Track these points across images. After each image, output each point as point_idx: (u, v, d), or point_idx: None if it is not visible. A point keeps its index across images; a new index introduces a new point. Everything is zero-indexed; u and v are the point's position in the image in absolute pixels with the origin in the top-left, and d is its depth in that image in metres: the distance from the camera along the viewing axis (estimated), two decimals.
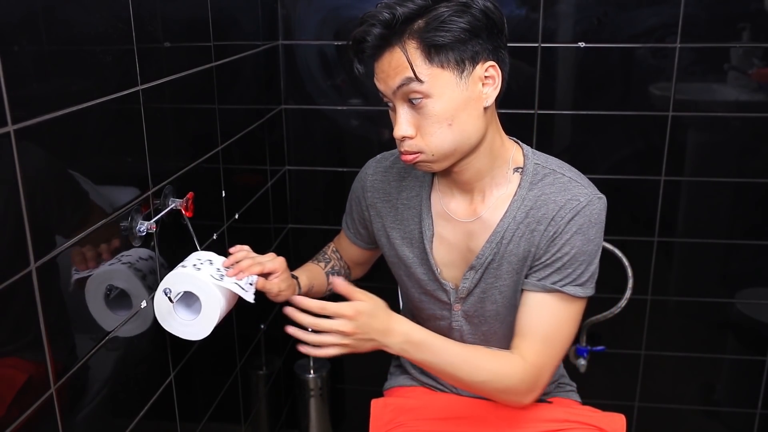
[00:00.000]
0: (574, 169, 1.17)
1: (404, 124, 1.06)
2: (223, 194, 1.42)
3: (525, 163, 1.16)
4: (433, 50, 1.01)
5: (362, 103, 1.88)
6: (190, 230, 1.18)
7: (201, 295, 1.04)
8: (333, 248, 1.41)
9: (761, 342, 1.94)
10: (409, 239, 1.23)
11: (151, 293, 1.07)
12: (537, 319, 1.13)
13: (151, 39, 1.07)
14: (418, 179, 1.23)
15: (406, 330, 1.06)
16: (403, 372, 1.41)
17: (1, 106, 0.73)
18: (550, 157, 1.18)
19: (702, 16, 1.69)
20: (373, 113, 1.88)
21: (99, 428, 0.99)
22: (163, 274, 1.09)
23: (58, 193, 0.87)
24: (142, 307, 1.06)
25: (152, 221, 1.05)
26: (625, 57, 1.76)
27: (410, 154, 1.08)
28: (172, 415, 1.21)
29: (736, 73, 1.75)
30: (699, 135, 1.81)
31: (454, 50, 1.01)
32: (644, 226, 1.88)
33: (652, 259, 1.90)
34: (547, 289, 1.12)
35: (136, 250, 1.04)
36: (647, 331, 1.96)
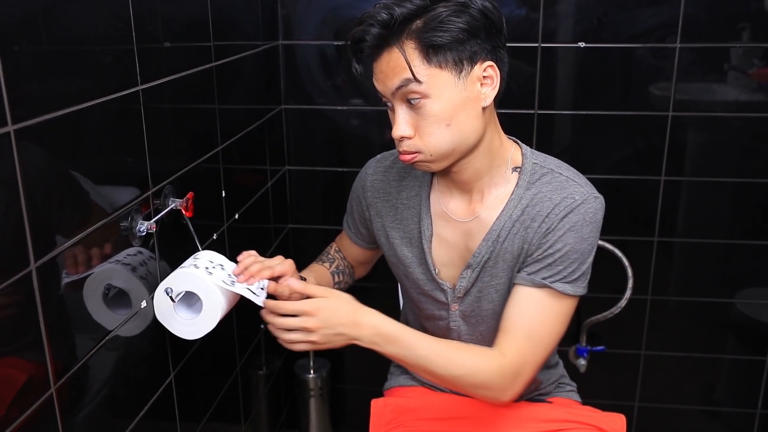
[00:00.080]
0: (572, 169, 1.16)
1: (402, 124, 1.06)
2: (223, 194, 1.42)
3: (523, 162, 1.15)
4: (432, 50, 1.01)
5: (362, 103, 1.88)
6: (191, 230, 1.18)
7: (202, 294, 1.04)
8: (335, 248, 1.41)
9: (761, 342, 1.94)
10: (409, 239, 1.23)
11: (151, 293, 1.07)
12: (522, 314, 1.12)
13: (151, 39, 1.07)
14: (418, 179, 1.23)
15: (376, 323, 1.06)
16: (403, 372, 1.41)
17: (1, 106, 0.74)
18: (549, 157, 1.18)
19: (702, 16, 1.69)
20: (373, 113, 1.88)
21: (99, 428, 0.99)
22: (163, 274, 1.09)
23: (58, 193, 0.87)
24: (142, 307, 1.06)
25: (152, 221, 1.05)
26: (625, 57, 1.76)
27: (409, 154, 1.08)
28: (172, 415, 1.21)
29: (736, 73, 1.75)
30: (699, 135, 1.81)
31: (452, 50, 1.01)
32: (644, 226, 1.88)
33: (652, 259, 1.90)
34: (536, 284, 1.11)
35: (136, 250, 1.04)
36: (647, 331, 1.96)
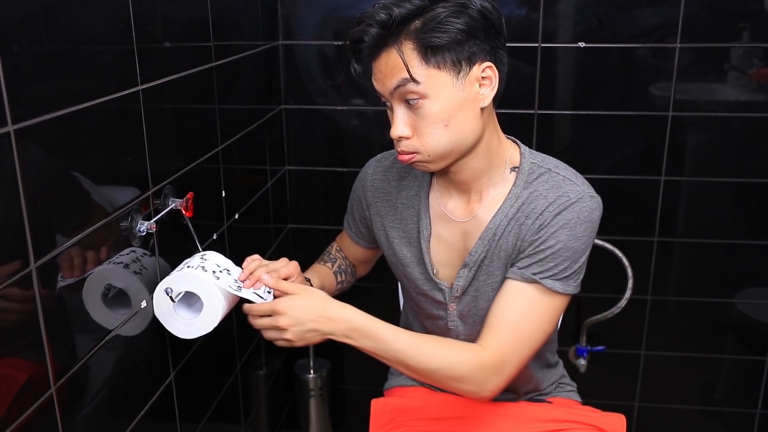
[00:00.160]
0: (570, 169, 1.16)
1: (401, 125, 1.06)
2: (223, 194, 1.42)
3: (521, 162, 1.15)
4: (430, 51, 1.01)
5: (362, 103, 1.88)
6: (191, 230, 1.18)
7: (203, 295, 1.04)
8: (336, 247, 1.41)
9: (761, 342, 1.94)
10: (408, 239, 1.23)
11: (151, 293, 1.07)
12: (509, 308, 1.11)
13: (151, 39, 1.07)
14: (418, 179, 1.23)
15: (349, 317, 1.06)
16: None
17: (1, 106, 0.73)
18: (548, 157, 1.18)
19: (702, 16, 1.69)
20: (373, 113, 1.88)
21: (99, 428, 0.99)
22: (163, 274, 1.09)
23: (58, 193, 0.87)
24: (142, 307, 1.06)
25: (152, 221, 1.05)
26: (625, 57, 1.76)
27: (407, 155, 1.08)
28: (172, 415, 1.21)
29: (736, 73, 1.75)
30: (699, 135, 1.81)
31: (450, 51, 1.01)
32: (644, 226, 1.87)
33: (652, 259, 1.90)
34: (525, 279, 1.10)
35: (136, 250, 1.04)
36: (647, 331, 1.96)
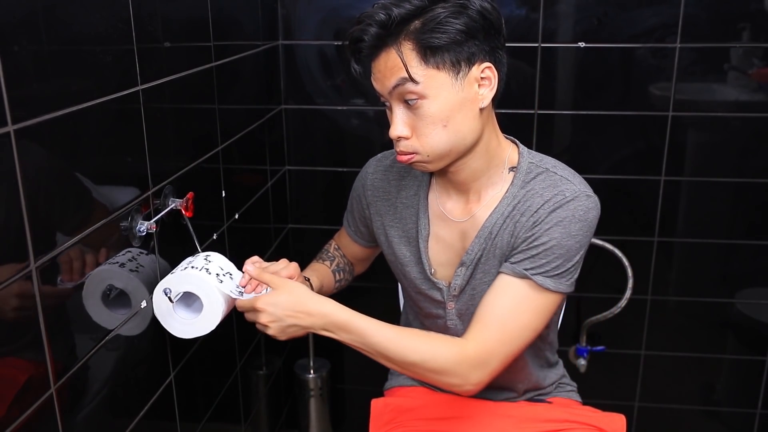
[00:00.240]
0: (568, 169, 1.16)
1: (400, 125, 1.06)
2: (223, 194, 1.42)
3: (519, 162, 1.15)
4: (429, 51, 1.01)
5: (362, 103, 1.88)
6: (190, 230, 1.18)
7: (204, 297, 1.04)
8: (335, 245, 1.41)
9: (761, 342, 1.94)
10: (407, 238, 1.23)
11: (151, 293, 1.07)
12: (497, 302, 1.10)
13: (151, 39, 1.07)
14: (417, 179, 1.23)
15: (328, 311, 1.05)
16: None
17: (1, 106, 0.73)
18: (546, 157, 1.18)
19: (702, 16, 1.69)
20: (373, 113, 1.88)
21: (99, 428, 0.99)
22: (163, 274, 1.09)
23: (58, 193, 0.87)
24: (142, 307, 1.06)
25: (152, 221, 1.05)
26: (625, 57, 1.76)
27: (406, 155, 1.08)
28: (172, 415, 1.21)
29: (736, 73, 1.75)
30: (699, 135, 1.81)
31: (449, 52, 1.01)
32: (644, 226, 1.87)
33: (652, 259, 1.90)
34: (517, 273, 1.10)
35: (136, 250, 1.04)
36: (647, 331, 1.96)
